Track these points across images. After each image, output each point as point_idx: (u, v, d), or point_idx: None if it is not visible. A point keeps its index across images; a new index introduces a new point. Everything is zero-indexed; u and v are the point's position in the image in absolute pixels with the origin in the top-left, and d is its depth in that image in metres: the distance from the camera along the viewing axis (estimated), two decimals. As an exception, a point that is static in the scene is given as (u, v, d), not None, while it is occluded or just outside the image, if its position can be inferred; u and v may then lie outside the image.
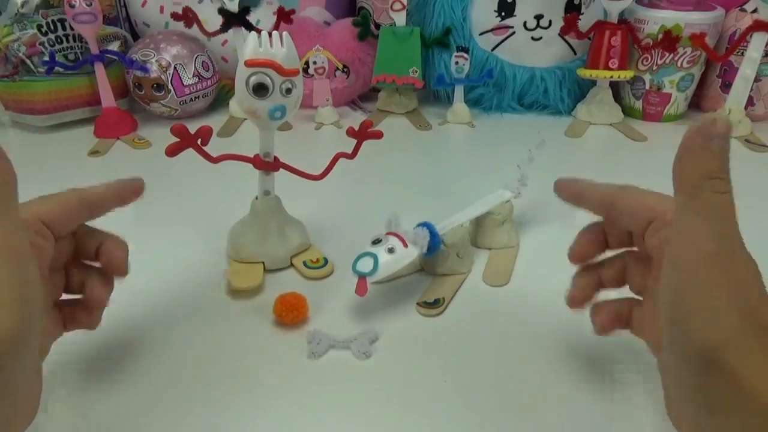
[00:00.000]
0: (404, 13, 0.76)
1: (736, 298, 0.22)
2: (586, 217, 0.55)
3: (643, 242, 0.29)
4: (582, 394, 0.34)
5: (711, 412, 0.23)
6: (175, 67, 0.71)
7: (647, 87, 0.77)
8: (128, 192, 0.34)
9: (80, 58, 0.72)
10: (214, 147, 0.38)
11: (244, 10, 0.69)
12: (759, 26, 0.67)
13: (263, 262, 0.44)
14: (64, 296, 0.32)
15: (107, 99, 0.71)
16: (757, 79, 0.72)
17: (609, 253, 0.33)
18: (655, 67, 0.75)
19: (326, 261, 0.45)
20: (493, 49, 0.79)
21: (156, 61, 0.71)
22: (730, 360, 0.21)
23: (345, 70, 0.79)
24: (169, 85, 0.71)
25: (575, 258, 0.34)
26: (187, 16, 0.71)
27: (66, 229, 0.30)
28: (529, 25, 0.77)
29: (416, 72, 0.77)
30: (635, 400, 0.33)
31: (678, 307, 0.23)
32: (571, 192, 0.34)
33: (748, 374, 0.21)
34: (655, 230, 0.28)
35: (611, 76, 0.74)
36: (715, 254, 0.22)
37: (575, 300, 0.33)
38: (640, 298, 0.31)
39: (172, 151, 0.36)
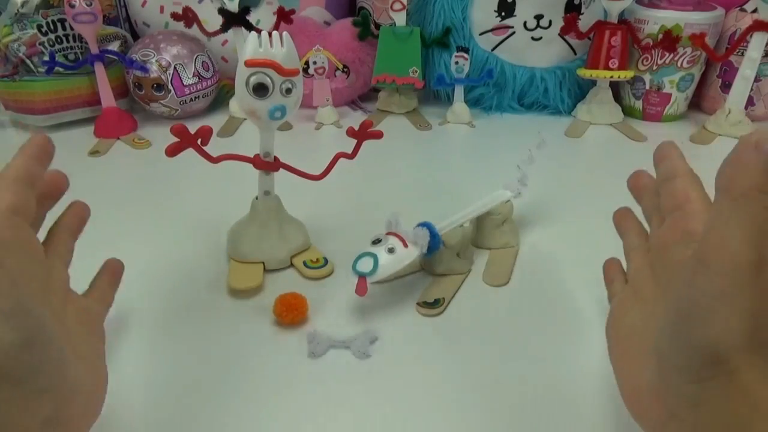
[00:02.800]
0: (404, 13, 0.76)
1: (758, 309, 0.22)
2: (583, 219, 0.55)
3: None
4: (582, 394, 0.34)
5: (695, 406, 0.23)
6: (175, 67, 0.71)
7: (647, 87, 0.77)
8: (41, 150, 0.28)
9: (80, 58, 0.72)
10: (214, 147, 0.38)
11: (244, 10, 0.69)
12: (759, 26, 0.67)
13: (263, 262, 0.44)
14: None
15: (107, 99, 0.71)
16: (757, 79, 0.72)
17: None
18: (655, 67, 0.75)
19: (326, 261, 0.45)
20: (493, 49, 0.79)
21: (156, 61, 0.71)
22: (736, 362, 0.22)
23: (345, 70, 0.79)
24: (169, 85, 0.71)
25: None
26: (187, 16, 0.71)
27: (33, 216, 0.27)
28: (529, 25, 0.77)
29: (416, 72, 0.77)
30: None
31: (696, 303, 0.23)
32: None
33: (749, 378, 0.21)
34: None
35: (611, 76, 0.74)
36: (750, 264, 0.22)
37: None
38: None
39: (172, 151, 0.36)
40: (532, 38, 0.78)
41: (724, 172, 0.23)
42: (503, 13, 0.77)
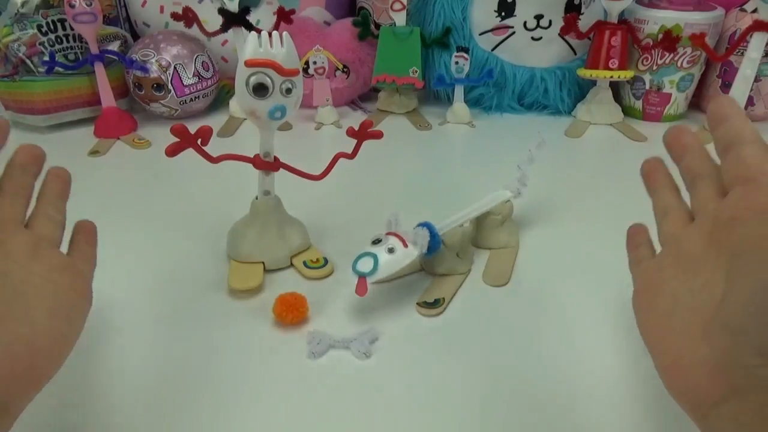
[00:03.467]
0: (404, 13, 0.76)
1: None
2: (583, 219, 0.55)
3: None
4: (582, 394, 0.34)
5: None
6: (175, 67, 0.71)
7: (647, 87, 0.77)
8: None
9: (80, 58, 0.72)
10: (214, 147, 0.38)
11: (244, 10, 0.69)
12: (759, 26, 0.67)
13: (263, 262, 0.44)
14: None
15: (107, 99, 0.71)
16: (757, 79, 0.72)
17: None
18: (655, 67, 0.75)
19: (326, 261, 0.45)
20: (493, 49, 0.79)
21: (156, 61, 0.71)
22: None
23: (345, 70, 0.79)
24: (169, 85, 0.71)
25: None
26: (187, 16, 0.71)
27: None
28: (529, 25, 0.77)
29: (416, 72, 0.77)
30: (637, 397, 0.33)
31: None
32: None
33: None
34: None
35: (611, 76, 0.74)
36: None
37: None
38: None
39: (172, 151, 0.36)
40: (532, 38, 0.78)
41: None
42: (503, 13, 0.77)
